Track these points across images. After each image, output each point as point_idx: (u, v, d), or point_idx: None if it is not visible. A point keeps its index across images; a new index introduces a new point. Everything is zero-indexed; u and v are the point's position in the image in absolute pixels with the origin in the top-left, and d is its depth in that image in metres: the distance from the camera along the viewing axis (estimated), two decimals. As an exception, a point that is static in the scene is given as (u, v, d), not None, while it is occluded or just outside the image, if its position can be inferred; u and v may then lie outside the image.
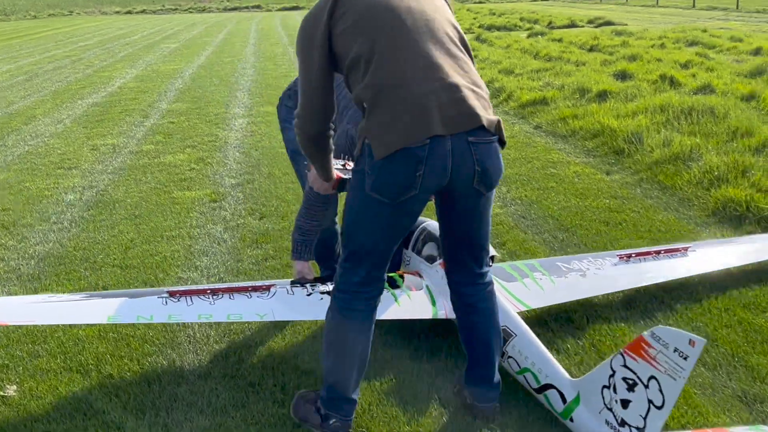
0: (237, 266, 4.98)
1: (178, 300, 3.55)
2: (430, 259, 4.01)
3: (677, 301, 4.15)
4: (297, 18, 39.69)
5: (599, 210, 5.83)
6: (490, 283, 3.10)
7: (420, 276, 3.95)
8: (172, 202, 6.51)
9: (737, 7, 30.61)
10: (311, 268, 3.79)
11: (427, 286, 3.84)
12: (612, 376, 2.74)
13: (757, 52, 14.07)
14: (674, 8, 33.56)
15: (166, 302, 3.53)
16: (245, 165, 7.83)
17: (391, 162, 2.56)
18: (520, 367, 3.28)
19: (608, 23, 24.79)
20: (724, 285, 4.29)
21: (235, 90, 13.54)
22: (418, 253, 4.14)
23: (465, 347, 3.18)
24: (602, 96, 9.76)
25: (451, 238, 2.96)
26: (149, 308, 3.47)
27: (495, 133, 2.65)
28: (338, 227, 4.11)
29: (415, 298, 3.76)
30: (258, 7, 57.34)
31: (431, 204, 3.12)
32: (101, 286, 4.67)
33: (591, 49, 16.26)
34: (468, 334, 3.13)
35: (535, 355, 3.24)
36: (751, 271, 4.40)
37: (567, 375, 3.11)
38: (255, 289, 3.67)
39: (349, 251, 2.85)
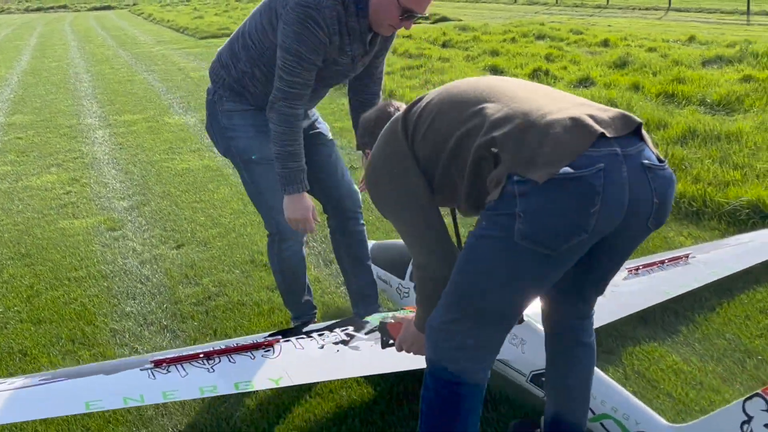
0: (177, 309, 4.20)
1: (167, 371, 2.80)
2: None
3: (690, 310, 3.88)
4: (114, 19, 37.44)
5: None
6: (593, 314, 2.63)
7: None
8: (63, 234, 5.53)
9: (557, 3, 32.03)
10: (311, 202, 3.17)
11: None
12: (747, 422, 2.33)
13: (605, 43, 14.52)
14: (496, 3, 34.63)
15: (154, 375, 2.77)
16: (130, 184, 6.89)
17: (557, 196, 2.01)
18: (595, 413, 2.82)
19: (444, 19, 25.06)
20: (726, 288, 4.06)
21: (78, 98, 12.23)
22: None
23: (552, 393, 2.66)
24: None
25: (584, 274, 2.43)
26: (135, 386, 2.70)
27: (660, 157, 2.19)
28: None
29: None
30: (64, 7, 53.65)
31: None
32: (17, 351, 3.75)
33: (444, 45, 16.20)
34: (564, 375, 2.62)
35: (614, 397, 2.79)
36: (748, 271, 4.20)
37: (664, 421, 2.69)
38: (256, 346, 2.99)
39: (471, 310, 2.25)
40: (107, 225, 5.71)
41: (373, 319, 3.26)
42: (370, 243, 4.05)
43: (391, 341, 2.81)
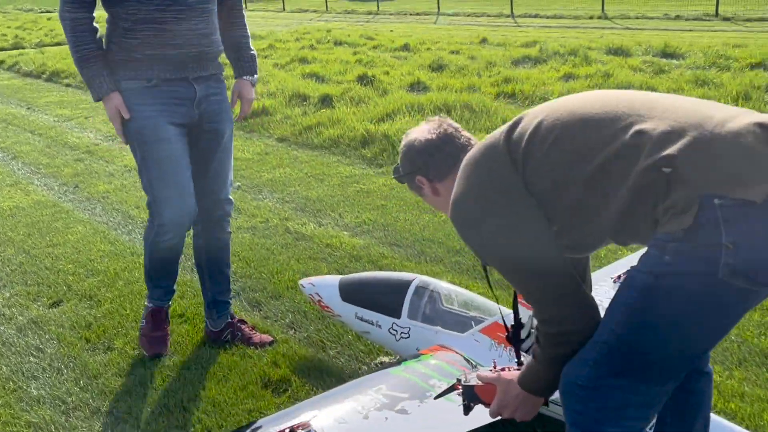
0: (96, 385, 3.41)
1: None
2: (459, 325, 3.06)
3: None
4: None
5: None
6: None
7: (457, 353, 2.98)
8: None
9: (327, 9, 32.22)
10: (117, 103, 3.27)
11: (477, 366, 2.90)
12: None
13: (406, 47, 14.65)
14: (266, 11, 34.16)
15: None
16: (-51, 231, 5.70)
17: None
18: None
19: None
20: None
21: None
22: (427, 319, 3.15)
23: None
24: (326, 101, 9.17)
25: None
26: None
27: None
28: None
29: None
30: None
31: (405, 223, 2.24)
32: None
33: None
34: (683, 410, 2.30)
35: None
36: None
37: None
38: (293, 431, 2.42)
39: (638, 363, 1.88)
40: (-53, 288, 4.62)
41: (420, 374, 2.78)
42: (336, 278, 3.55)
43: (472, 404, 2.35)
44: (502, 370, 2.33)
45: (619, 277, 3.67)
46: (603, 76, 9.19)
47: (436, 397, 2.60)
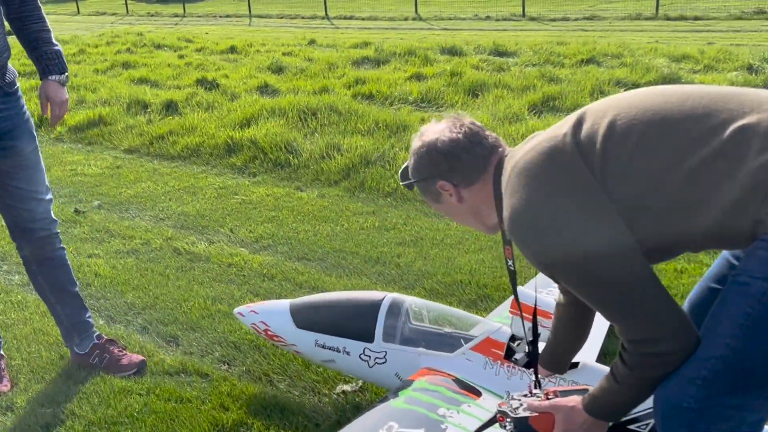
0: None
1: None
2: (445, 344, 2.81)
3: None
4: None
5: (364, 231, 4.97)
6: None
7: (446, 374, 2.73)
8: None
9: (128, 12, 30.59)
10: None
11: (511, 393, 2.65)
12: None
13: (233, 50, 14.11)
14: (57, 14, 31.86)
15: None
16: None
17: None
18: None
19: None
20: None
21: None
22: (407, 341, 2.87)
23: None
24: (171, 107, 8.55)
25: None
26: None
27: None
28: None
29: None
30: None
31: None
32: None
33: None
34: None
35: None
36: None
37: None
38: None
39: (755, 381, 1.73)
40: None
41: (425, 405, 2.49)
42: (284, 303, 3.18)
43: None
44: (546, 395, 2.12)
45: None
46: (452, 75, 9.23)
47: (477, 429, 2.32)
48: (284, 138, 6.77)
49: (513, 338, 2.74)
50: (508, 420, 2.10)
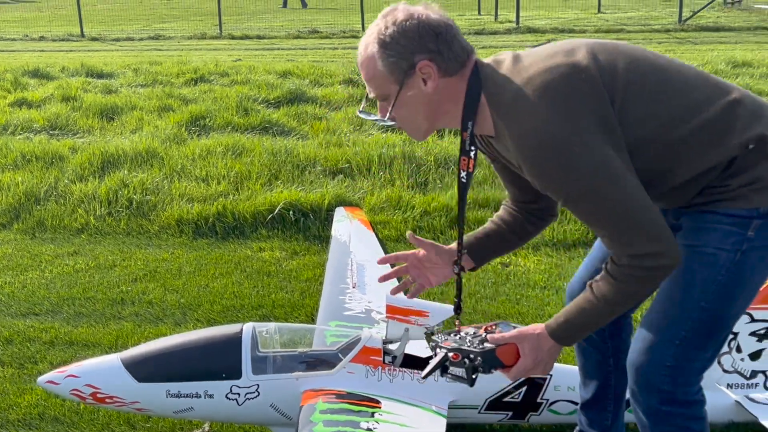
0: None
1: None
2: (322, 362, 2.78)
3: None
4: None
5: (83, 273, 4.45)
6: None
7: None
8: None
9: None
10: None
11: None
12: (734, 339, 2.86)
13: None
14: None
15: None
16: None
17: None
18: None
19: None
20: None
21: None
22: (280, 369, 2.76)
23: None
24: None
25: None
26: None
27: None
28: None
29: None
30: None
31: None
32: None
33: None
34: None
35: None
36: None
37: None
38: None
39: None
40: None
41: (347, 423, 2.42)
42: (112, 358, 2.80)
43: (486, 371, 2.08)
44: (486, 330, 2.11)
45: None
46: (67, 100, 8.53)
47: (425, 376, 2.13)
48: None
49: (388, 341, 2.81)
50: (471, 356, 2.04)
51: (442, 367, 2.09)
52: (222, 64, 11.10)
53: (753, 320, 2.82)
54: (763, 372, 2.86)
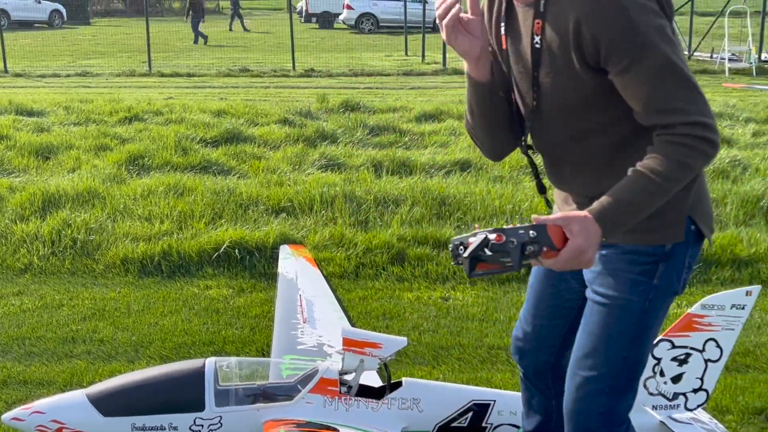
0: None
1: None
2: (282, 394, 2.95)
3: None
4: None
5: (30, 312, 4.48)
6: None
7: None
8: None
9: None
10: None
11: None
12: (657, 364, 3.14)
13: None
14: None
15: None
16: None
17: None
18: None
19: None
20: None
21: None
22: (242, 400, 2.91)
23: None
24: None
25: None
26: None
27: None
28: None
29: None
30: None
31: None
32: None
33: None
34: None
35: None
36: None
37: None
38: None
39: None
40: None
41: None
42: (78, 393, 2.92)
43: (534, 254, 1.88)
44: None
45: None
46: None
47: (468, 255, 1.86)
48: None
49: (344, 372, 2.99)
50: (521, 231, 1.84)
51: (472, 259, 1.86)
52: (155, 103, 11.12)
53: (674, 347, 3.10)
54: (683, 394, 3.14)
